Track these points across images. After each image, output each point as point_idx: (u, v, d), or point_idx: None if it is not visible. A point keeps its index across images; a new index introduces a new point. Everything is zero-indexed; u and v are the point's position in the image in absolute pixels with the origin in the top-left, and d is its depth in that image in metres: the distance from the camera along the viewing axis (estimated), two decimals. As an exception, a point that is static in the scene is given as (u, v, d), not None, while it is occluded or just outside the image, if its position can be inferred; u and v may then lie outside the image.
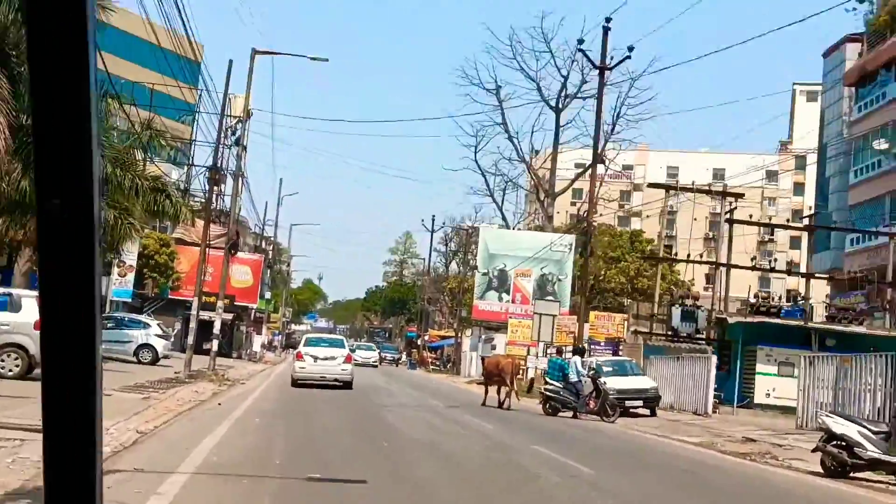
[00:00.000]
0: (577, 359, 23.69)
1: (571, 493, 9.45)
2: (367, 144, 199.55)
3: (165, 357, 32.60)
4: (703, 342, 29.22)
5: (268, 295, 56.69)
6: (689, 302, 29.28)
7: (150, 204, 27.52)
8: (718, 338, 28.83)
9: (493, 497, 8.95)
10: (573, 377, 23.47)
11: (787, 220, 79.34)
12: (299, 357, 27.30)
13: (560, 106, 59.15)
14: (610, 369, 25.12)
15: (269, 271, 60.42)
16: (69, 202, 0.99)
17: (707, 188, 34.56)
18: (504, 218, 63.61)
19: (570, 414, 23.23)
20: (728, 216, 30.48)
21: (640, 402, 24.38)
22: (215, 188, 28.09)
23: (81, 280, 1.02)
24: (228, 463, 9.93)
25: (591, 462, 12.25)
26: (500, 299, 57.14)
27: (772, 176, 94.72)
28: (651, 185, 34.67)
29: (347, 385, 26.20)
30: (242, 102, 40.84)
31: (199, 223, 55.34)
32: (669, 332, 29.45)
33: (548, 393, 23.66)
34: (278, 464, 10.24)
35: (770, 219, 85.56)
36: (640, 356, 27.90)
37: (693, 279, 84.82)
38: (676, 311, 28.76)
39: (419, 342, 69.77)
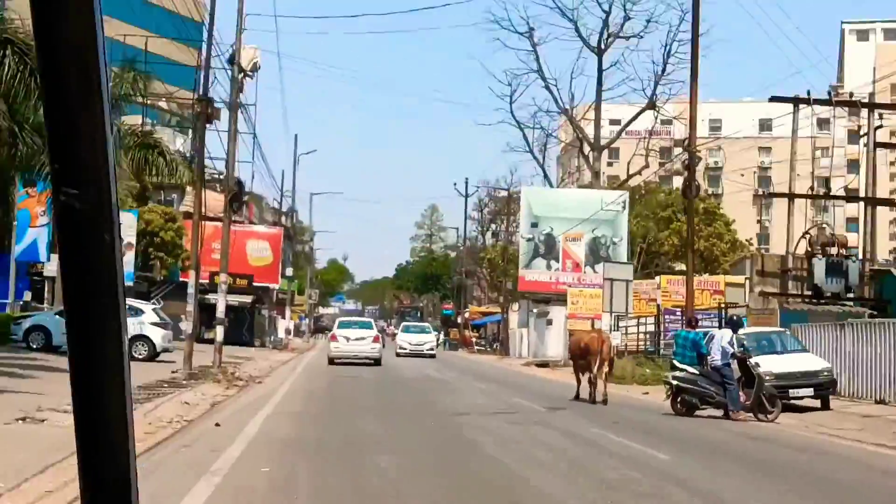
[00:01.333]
0: (728, 333, 16.29)
1: None
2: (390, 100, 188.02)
3: (166, 350, 25.58)
4: (852, 303, 21.92)
5: (289, 272, 49.53)
6: (833, 251, 21.77)
7: (140, 163, 21.12)
8: (876, 296, 21.54)
9: None
10: (716, 359, 16.23)
11: (845, 171, 71.21)
12: (333, 338, 30.26)
13: (602, 47, 51.67)
14: (754, 345, 17.80)
15: (290, 244, 53.28)
16: (85, 191, 0.94)
17: (851, 100, 26.92)
18: (546, 176, 56.19)
19: (708, 410, 16.12)
20: (869, 136, 22.73)
21: (808, 391, 17.08)
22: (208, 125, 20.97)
23: (103, 270, 0.96)
24: None
25: None
26: (549, 267, 49.91)
27: (823, 124, 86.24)
28: (774, 99, 26.76)
29: (377, 362, 28.64)
30: (249, 54, 33.89)
31: (211, 194, 48.32)
32: (808, 293, 22.00)
33: (679, 382, 16.38)
34: None
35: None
36: (777, 325, 20.60)
37: (750, 239, 77.01)
38: (819, 264, 21.25)
39: (459, 320, 62.46)
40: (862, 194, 25.09)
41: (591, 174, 54.96)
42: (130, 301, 26.62)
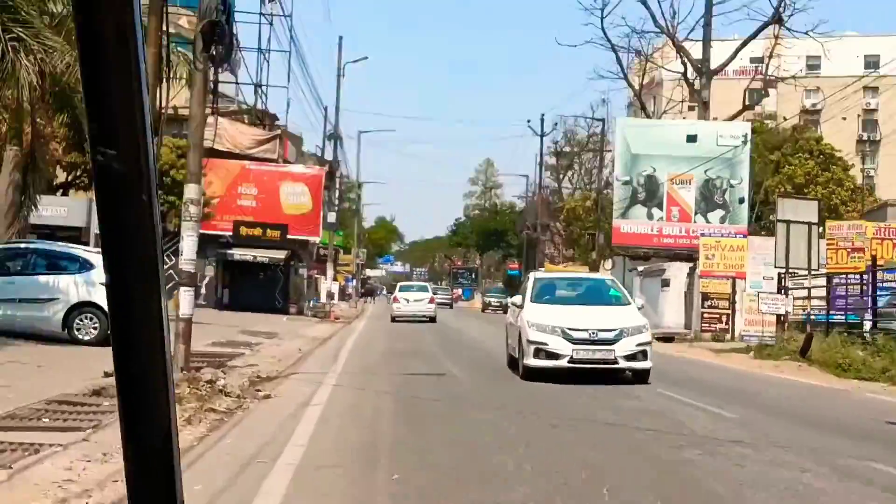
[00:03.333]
0: None
1: None
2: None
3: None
4: None
5: (332, 217, 39.15)
6: None
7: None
8: None
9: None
10: None
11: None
12: (395, 300, 35.73)
13: (714, -53, 40.26)
14: None
15: (333, 186, 42.83)
16: (122, 151, 0.92)
17: None
18: (643, 107, 45.02)
19: None
20: None
21: None
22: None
23: (140, 231, 0.94)
24: None
25: None
26: (651, 217, 39.05)
27: (943, 59, 73.61)
28: None
29: (432, 319, 33.45)
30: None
31: (240, 127, 37.91)
32: None
33: None
34: None
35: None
36: None
37: (866, 184, 65.28)
38: None
39: (532, 281, 51.98)
40: None
41: (699, 104, 43.84)
42: (74, 247, 16.50)
